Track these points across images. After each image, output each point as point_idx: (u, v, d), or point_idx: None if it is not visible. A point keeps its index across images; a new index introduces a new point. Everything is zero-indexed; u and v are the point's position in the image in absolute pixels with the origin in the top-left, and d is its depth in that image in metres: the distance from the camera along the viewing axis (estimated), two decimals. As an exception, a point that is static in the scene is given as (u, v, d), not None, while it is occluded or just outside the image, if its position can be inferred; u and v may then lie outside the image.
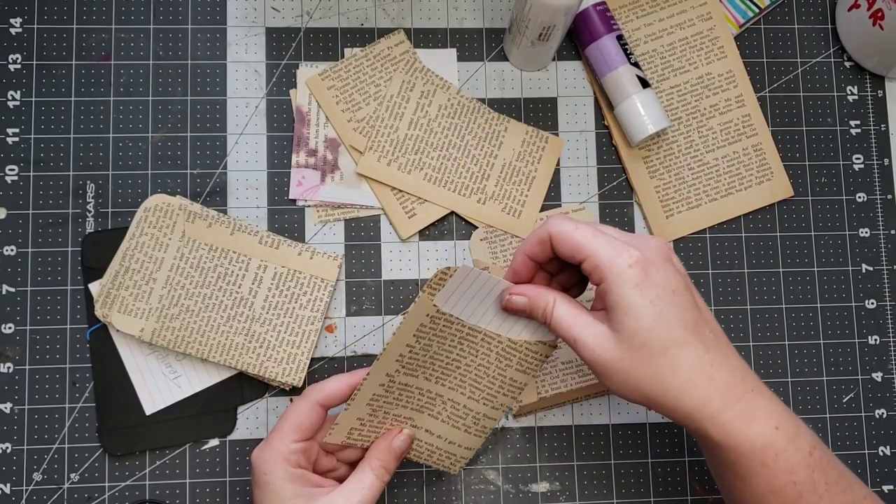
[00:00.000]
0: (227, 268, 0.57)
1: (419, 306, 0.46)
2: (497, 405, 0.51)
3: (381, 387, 0.48)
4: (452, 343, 0.48)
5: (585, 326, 0.45)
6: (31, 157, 0.59)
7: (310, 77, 0.61)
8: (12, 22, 0.60)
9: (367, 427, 0.50)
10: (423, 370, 0.49)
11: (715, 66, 0.63)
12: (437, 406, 0.51)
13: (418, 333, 0.47)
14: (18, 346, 0.57)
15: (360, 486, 0.48)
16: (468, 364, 0.50)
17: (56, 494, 0.56)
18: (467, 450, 0.53)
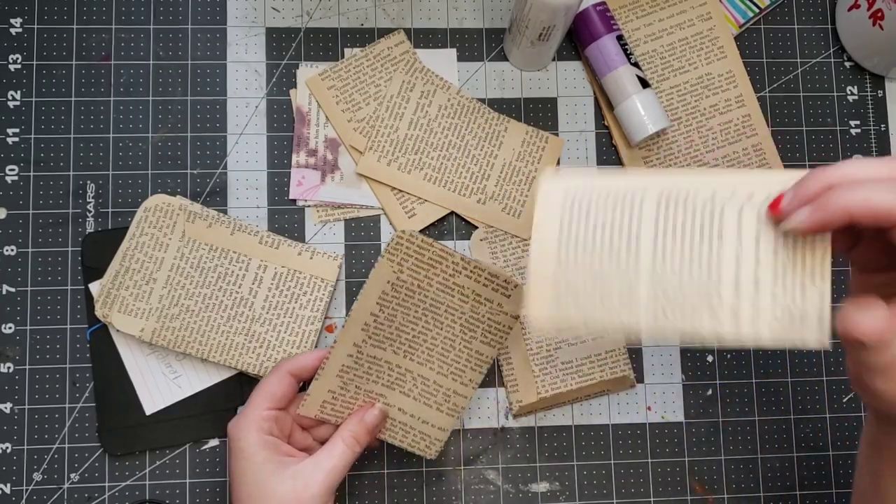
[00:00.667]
0: (227, 268, 0.57)
1: (379, 271, 0.47)
2: (466, 381, 0.52)
3: (350, 357, 0.49)
4: (416, 314, 0.49)
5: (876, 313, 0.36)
6: (31, 157, 0.59)
7: (310, 77, 0.61)
8: (12, 22, 0.60)
9: (339, 402, 0.51)
10: (391, 342, 0.50)
11: (715, 66, 0.63)
12: (407, 382, 0.52)
13: (381, 301, 0.48)
14: (18, 346, 0.57)
15: (330, 454, 0.49)
16: (434, 337, 0.50)
17: (56, 494, 0.56)
18: (441, 430, 0.53)
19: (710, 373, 0.61)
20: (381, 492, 0.58)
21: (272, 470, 0.48)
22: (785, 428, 0.61)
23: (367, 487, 0.58)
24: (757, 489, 0.60)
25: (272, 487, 0.47)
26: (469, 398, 0.53)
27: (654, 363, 0.61)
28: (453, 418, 0.53)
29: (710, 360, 0.61)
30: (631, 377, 0.59)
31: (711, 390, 0.61)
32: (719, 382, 0.61)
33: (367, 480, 0.58)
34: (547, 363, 0.59)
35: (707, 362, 0.61)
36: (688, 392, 0.61)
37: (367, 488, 0.58)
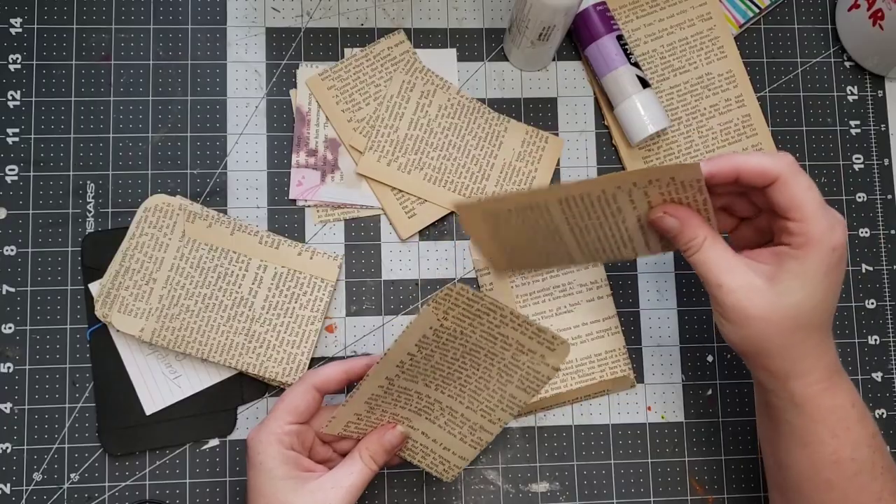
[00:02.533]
0: (227, 268, 0.57)
1: (422, 319, 0.46)
2: (494, 419, 0.52)
3: (381, 388, 0.49)
4: (455, 356, 0.49)
5: (739, 275, 0.45)
6: (31, 157, 0.59)
7: (310, 77, 0.61)
8: (12, 22, 0.60)
9: (363, 421, 0.51)
10: (424, 377, 0.49)
11: (715, 66, 0.63)
12: (434, 411, 0.51)
13: (420, 344, 0.47)
14: (18, 346, 0.57)
15: (348, 471, 0.49)
16: (469, 376, 0.50)
17: (56, 494, 0.56)
18: (461, 459, 0.53)
19: (710, 373, 0.61)
20: (381, 492, 0.58)
21: (292, 486, 0.47)
22: (785, 428, 0.61)
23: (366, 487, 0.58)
24: (757, 489, 0.60)
25: (291, 500, 0.47)
26: (494, 435, 0.52)
27: (654, 363, 0.61)
28: (475, 450, 0.53)
29: (711, 360, 0.61)
30: (631, 377, 0.59)
31: (711, 390, 0.61)
32: (719, 382, 0.61)
33: (367, 480, 0.58)
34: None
35: (707, 362, 0.61)
36: (688, 392, 0.61)
37: (368, 488, 0.58)
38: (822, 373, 0.46)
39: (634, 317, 0.61)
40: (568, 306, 0.59)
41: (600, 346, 0.59)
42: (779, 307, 0.44)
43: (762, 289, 0.45)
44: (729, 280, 0.45)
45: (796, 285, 0.44)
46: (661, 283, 0.61)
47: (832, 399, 0.46)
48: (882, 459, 0.47)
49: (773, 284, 0.45)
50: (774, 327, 0.45)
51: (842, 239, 0.45)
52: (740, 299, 0.45)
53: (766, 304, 0.44)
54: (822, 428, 0.46)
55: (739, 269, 0.45)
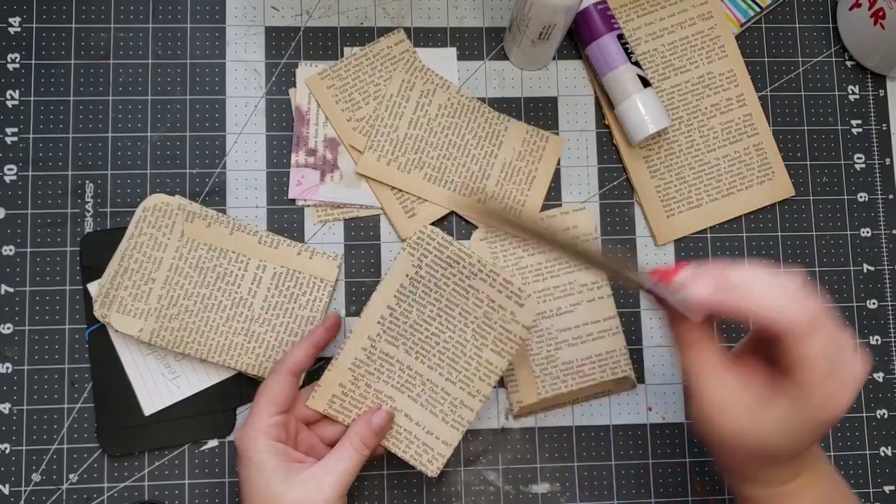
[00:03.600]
0: (226, 268, 0.57)
1: (399, 265, 0.47)
2: (473, 391, 0.52)
3: (364, 351, 0.50)
4: (431, 313, 0.50)
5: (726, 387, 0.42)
6: (30, 157, 0.59)
7: (309, 76, 0.61)
8: (11, 21, 0.60)
9: (348, 398, 0.51)
10: (404, 340, 0.50)
11: (716, 65, 0.63)
12: (416, 386, 0.52)
13: (398, 295, 0.48)
14: (17, 346, 0.57)
15: (339, 457, 0.49)
16: (447, 340, 0.51)
17: (55, 495, 0.56)
18: (445, 445, 0.53)
19: (710, 373, 0.61)
20: (381, 492, 0.58)
21: (283, 478, 0.47)
22: (786, 428, 0.61)
23: (367, 488, 0.58)
24: (758, 490, 0.60)
25: (284, 493, 0.47)
26: (475, 412, 0.52)
27: (654, 364, 0.61)
28: (458, 432, 0.53)
29: (711, 360, 0.61)
30: (632, 378, 0.59)
31: (712, 390, 0.61)
32: (720, 383, 0.61)
33: (366, 481, 0.58)
34: (547, 363, 0.58)
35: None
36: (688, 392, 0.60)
37: (367, 489, 0.58)
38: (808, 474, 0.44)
39: (635, 317, 0.61)
40: (568, 306, 0.59)
41: (601, 347, 0.59)
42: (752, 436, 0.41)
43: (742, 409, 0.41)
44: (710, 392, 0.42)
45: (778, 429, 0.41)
46: (662, 283, 0.61)
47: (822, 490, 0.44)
48: None
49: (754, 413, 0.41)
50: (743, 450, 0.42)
51: (842, 408, 0.40)
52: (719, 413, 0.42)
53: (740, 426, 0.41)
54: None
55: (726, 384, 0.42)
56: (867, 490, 0.60)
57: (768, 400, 0.41)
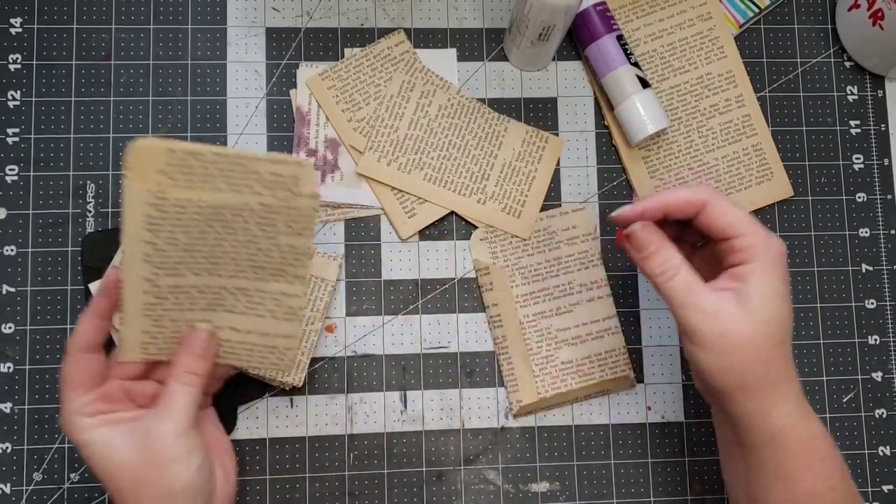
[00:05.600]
0: (226, 268, 0.57)
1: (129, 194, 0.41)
2: (290, 278, 0.46)
3: (148, 294, 0.44)
4: (201, 228, 0.43)
5: (712, 300, 0.44)
6: (31, 157, 0.59)
7: (310, 77, 0.61)
8: (12, 22, 0.60)
9: (160, 339, 0.47)
10: (186, 266, 0.44)
11: (715, 66, 0.63)
12: (227, 299, 0.46)
13: (151, 227, 0.42)
14: (18, 346, 0.57)
15: (168, 398, 0.45)
16: (233, 245, 0.44)
17: (56, 494, 0.56)
18: (287, 338, 0.48)
19: (710, 373, 0.61)
20: (381, 492, 0.58)
21: (117, 442, 0.44)
22: (785, 428, 0.61)
23: (367, 487, 0.58)
24: (757, 489, 0.60)
25: (122, 457, 0.44)
26: (302, 296, 0.47)
27: (654, 363, 0.61)
28: (293, 323, 0.47)
29: (711, 360, 0.61)
30: (631, 377, 0.59)
31: (711, 390, 0.61)
32: (719, 382, 0.61)
33: (366, 480, 0.58)
34: (547, 363, 0.59)
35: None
36: (688, 392, 0.61)
37: (368, 488, 0.58)
38: (796, 399, 0.45)
39: (634, 317, 0.61)
40: (568, 306, 0.59)
41: (600, 346, 0.59)
42: (756, 325, 0.44)
43: (737, 311, 0.44)
44: (707, 304, 0.44)
45: (765, 299, 0.44)
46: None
47: (807, 429, 0.45)
48: (853, 488, 0.47)
49: (743, 304, 0.44)
50: (754, 349, 0.44)
51: (782, 248, 0.45)
52: (723, 324, 0.44)
53: (745, 326, 0.44)
54: (800, 461, 0.45)
55: (713, 296, 0.44)
56: (866, 489, 0.60)
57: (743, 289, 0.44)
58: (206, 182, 0.42)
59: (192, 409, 0.46)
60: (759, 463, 0.46)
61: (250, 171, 0.42)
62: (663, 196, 0.46)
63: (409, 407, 0.59)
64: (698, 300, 0.44)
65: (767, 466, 0.46)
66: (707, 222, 0.46)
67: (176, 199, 0.42)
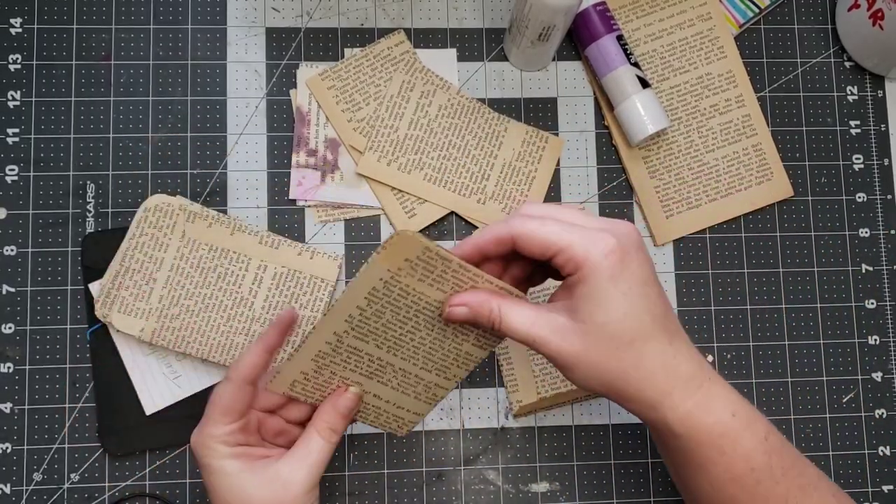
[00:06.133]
0: (227, 268, 0.57)
1: (372, 268, 0.44)
2: (450, 376, 0.49)
3: (329, 345, 0.47)
4: (407, 315, 0.46)
5: (543, 324, 0.43)
6: (31, 157, 0.59)
7: (310, 77, 0.61)
8: (12, 22, 0.60)
9: (311, 383, 0.48)
10: (375, 337, 0.47)
11: (715, 66, 0.63)
12: (387, 373, 0.49)
13: (370, 297, 0.45)
14: (18, 346, 0.57)
15: (307, 449, 0.47)
16: (423, 337, 0.47)
17: (56, 494, 0.56)
18: (416, 415, 0.51)
19: (710, 373, 0.61)
20: (381, 492, 0.58)
21: (248, 479, 0.46)
22: (785, 428, 0.61)
23: (367, 487, 0.58)
24: (757, 489, 0.60)
25: (251, 495, 0.45)
26: (448, 390, 0.50)
27: (654, 363, 0.61)
28: (430, 406, 0.50)
29: (710, 360, 0.61)
30: (631, 377, 0.59)
31: (711, 390, 0.61)
32: (719, 382, 0.61)
33: (367, 480, 0.58)
34: (547, 363, 0.59)
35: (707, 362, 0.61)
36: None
37: (368, 488, 0.58)
38: (683, 389, 0.43)
39: (634, 317, 0.61)
40: (568, 306, 0.59)
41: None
42: (588, 334, 0.42)
43: (568, 326, 0.43)
44: (538, 332, 0.43)
45: (591, 307, 0.42)
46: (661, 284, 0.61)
47: (708, 415, 0.44)
48: (781, 460, 0.45)
49: (574, 316, 0.43)
50: (601, 356, 0.43)
51: (612, 243, 0.42)
52: (559, 344, 0.43)
53: (578, 339, 0.43)
54: (709, 449, 0.44)
55: (542, 318, 0.43)
56: (866, 489, 0.60)
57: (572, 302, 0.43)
58: (436, 283, 0.45)
59: (325, 464, 0.47)
60: (675, 455, 0.45)
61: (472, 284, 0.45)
62: (473, 239, 0.45)
63: (409, 407, 0.59)
64: (535, 330, 0.43)
65: (682, 457, 0.45)
66: (526, 251, 0.43)
67: (406, 285, 0.45)
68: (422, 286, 0.45)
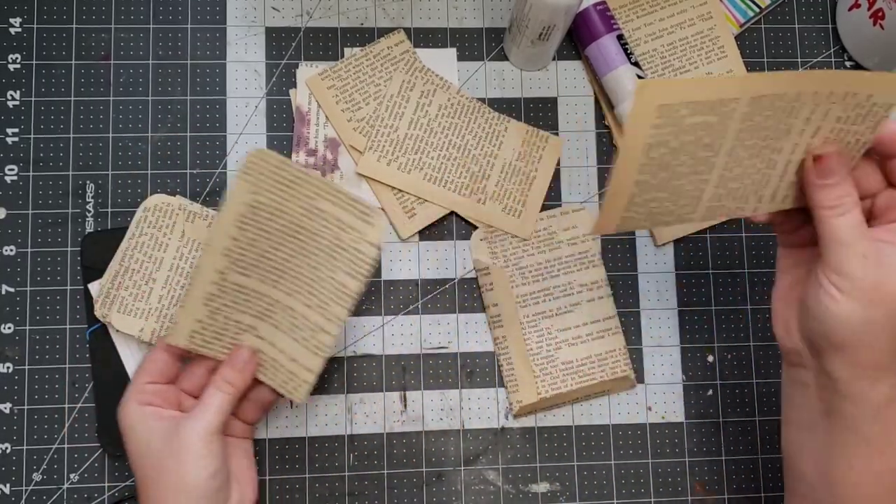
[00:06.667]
0: (226, 268, 0.57)
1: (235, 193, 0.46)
2: (330, 315, 0.50)
3: (215, 285, 0.49)
4: (280, 239, 0.48)
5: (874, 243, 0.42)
6: (30, 157, 0.59)
7: (310, 77, 0.61)
8: (12, 22, 0.60)
9: (208, 331, 0.50)
10: (255, 269, 0.49)
11: (715, 65, 0.63)
12: (276, 313, 0.51)
13: (240, 224, 0.47)
14: (18, 346, 0.57)
15: (203, 402, 0.49)
16: (299, 264, 0.49)
17: (56, 494, 0.56)
18: (308, 371, 0.51)
19: (710, 373, 0.61)
20: (381, 492, 0.58)
21: (154, 434, 0.48)
22: (785, 428, 0.61)
23: (367, 487, 0.58)
24: (757, 489, 0.60)
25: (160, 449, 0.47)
26: (334, 337, 0.51)
27: (654, 363, 0.61)
28: (318, 358, 0.51)
29: (711, 360, 0.61)
30: (631, 377, 0.59)
31: (712, 390, 0.61)
32: (720, 382, 0.61)
33: (367, 480, 0.58)
34: (547, 363, 0.59)
35: (707, 362, 0.61)
36: (688, 392, 0.61)
37: (367, 488, 0.58)
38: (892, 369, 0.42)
39: (635, 317, 0.61)
40: (568, 306, 0.59)
41: (600, 347, 0.59)
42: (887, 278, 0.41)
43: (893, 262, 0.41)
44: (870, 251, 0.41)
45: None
46: (661, 283, 0.61)
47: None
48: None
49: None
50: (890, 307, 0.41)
51: None
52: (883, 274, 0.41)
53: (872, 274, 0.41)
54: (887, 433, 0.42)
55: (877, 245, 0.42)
56: (866, 490, 0.60)
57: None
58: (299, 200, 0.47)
59: (221, 414, 0.49)
60: (850, 437, 0.43)
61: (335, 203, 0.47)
62: None
63: (409, 407, 0.59)
64: (861, 244, 0.41)
65: (858, 441, 0.43)
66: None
67: (269, 204, 0.46)
68: (287, 205, 0.47)
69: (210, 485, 0.47)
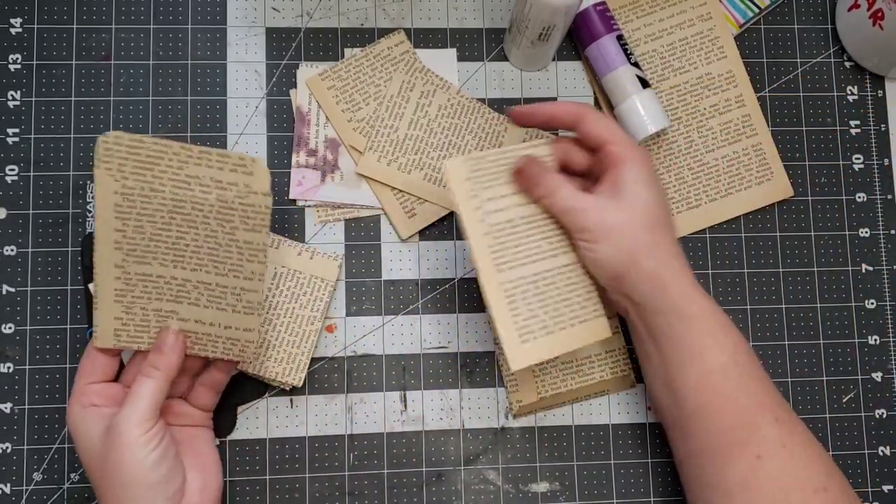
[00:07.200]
0: (226, 268, 0.57)
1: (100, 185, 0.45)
2: (248, 274, 0.49)
3: (119, 280, 0.48)
4: (164, 219, 0.47)
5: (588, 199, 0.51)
6: (31, 157, 0.59)
7: (310, 77, 0.61)
8: (12, 22, 0.60)
9: (131, 326, 0.50)
10: (153, 255, 0.48)
11: (715, 66, 0.63)
12: (191, 293, 0.50)
13: (119, 215, 0.46)
14: (18, 346, 0.57)
15: (132, 392, 0.48)
16: (195, 238, 0.48)
17: (56, 494, 0.56)
18: (248, 331, 0.51)
19: (710, 373, 0.61)
20: (381, 492, 0.58)
21: (93, 433, 0.48)
22: (785, 428, 0.61)
23: (367, 487, 0.58)
24: (757, 489, 0.60)
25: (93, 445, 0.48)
26: (260, 291, 0.50)
27: (654, 363, 0.61)
28: (254, 316, 0.50)
29: (710, 360, 0.61)
30: (631, 377, 0.59)
31: (711, 390, 0.61)
32: (719, 382, 0.61)
33: (367, 480, 0.58)
34: (547, 363, 0.59)
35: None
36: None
37: (367, 488, 0.58)
38: (689, 277, 0.51)
39: (634, 317, 0.61)
40: (568, 306, 0.59)
41: (600, 346, 0.59)
42: (633, 209, 0.50)
43: (611, 203, 0.50)
44: (587, 204, 0.51)
45: (638, 188, 0.50)
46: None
47: (705, 301, 0.50)
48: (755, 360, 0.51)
49: (618, 196, 0.50)
50: (634, 230, 0.50)
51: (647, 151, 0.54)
52: (603, 214, 0.50)
53: (620, 212, 0.50)
54: (703, 333, 0.49)
55: (589, 197, 0.51)
56: (866, 490, 0.60)
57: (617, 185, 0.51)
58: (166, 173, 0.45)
59: (152, 399, 0.48)
60: (669, 348, 0.50)
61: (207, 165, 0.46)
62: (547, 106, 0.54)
63: (409, 407, 0.59)
64: (579, 202, 0.51)
65: (677, 348, 0.50)
66: (588, 130, 0.52)
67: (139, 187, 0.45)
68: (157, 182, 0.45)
69: (153, 475, 0.47)
